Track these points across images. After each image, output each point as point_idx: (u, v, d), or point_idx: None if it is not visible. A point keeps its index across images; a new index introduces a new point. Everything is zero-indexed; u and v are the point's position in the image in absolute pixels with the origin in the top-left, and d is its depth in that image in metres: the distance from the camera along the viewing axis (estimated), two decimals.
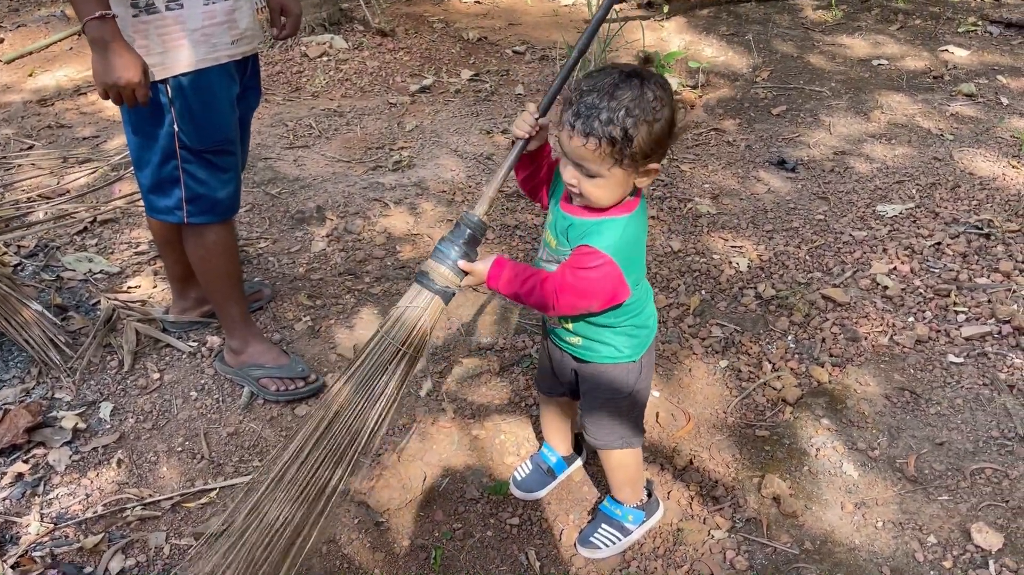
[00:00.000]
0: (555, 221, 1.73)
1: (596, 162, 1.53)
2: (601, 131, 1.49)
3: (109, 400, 2.47)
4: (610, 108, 1.49)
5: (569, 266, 1.65)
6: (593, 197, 1.60)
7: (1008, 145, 3.87)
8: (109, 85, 1.95)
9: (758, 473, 2.23)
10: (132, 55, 1.94)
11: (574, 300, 1.64)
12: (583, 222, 1.66)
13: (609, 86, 1.50)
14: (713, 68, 4.98)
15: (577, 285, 1.62)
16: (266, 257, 3.16)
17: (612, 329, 1.77)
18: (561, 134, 1.56)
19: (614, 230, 1.62)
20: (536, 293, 1.66)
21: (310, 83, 4.84)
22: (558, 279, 1.64)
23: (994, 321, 2.68)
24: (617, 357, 1.81)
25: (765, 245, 3.20)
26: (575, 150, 1.54)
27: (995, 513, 2.08)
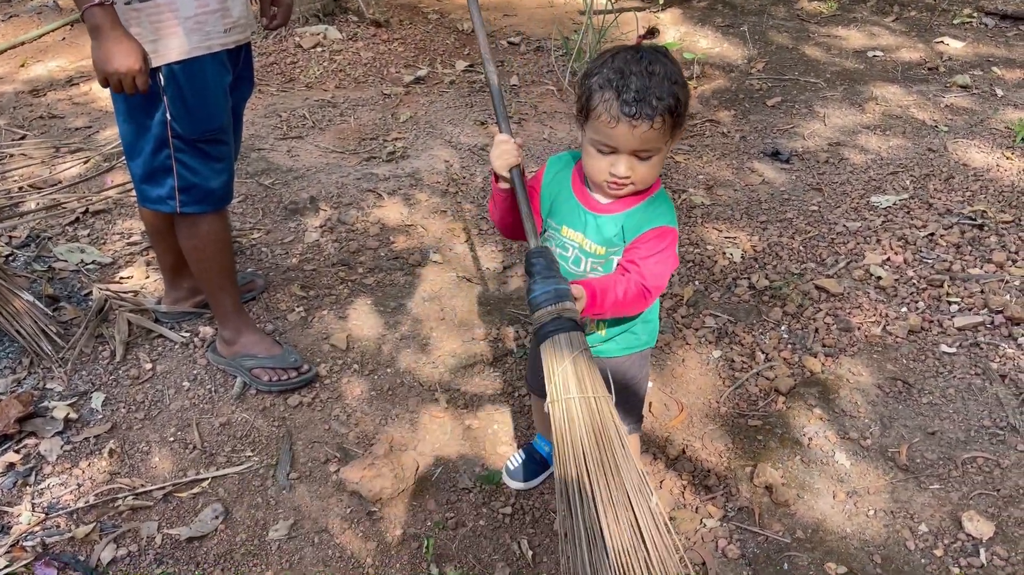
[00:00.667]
0: (596, 231, 1.66)
1: (659, 140, 1.53)
2: (662, 106, 1.49)
3: (101, 390, 2.46)
4: (657, 83, 1.49)
5: (640, 257, 1.61)
6: (649, 177, 1.60)
7: (1002, 136, 3.87)
8: (109, 73, 1.95)
9: (750, 462, 2.23)
10: (132, 42, 1.94)
11: (661, 283, 1.64)
12: (635, 211, 1.63)
13: (639, 67, 1.50)
14: (708, 59, 4.97)
15: (657, 268, 1.61)
16: (259, 248, 3.15)
17: (636, 318, 1.77)
18: (615, 130, 1.50)
19: (665, 202, 1.66)
20: (629, 296, 1.60)
21: (304, 74, 4.82)
22: (639, 273, 1.60)
23: (987, 311, 2.68)
24: (636, 346, 1.81)
25: (759, 236, 3.20)
26: (641, 136, 1.50)
27: (986, 502, 2.09)
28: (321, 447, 2.29)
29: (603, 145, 1.55)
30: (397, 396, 2.47)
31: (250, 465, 2.24)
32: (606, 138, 1.53)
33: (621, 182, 1.58)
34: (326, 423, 2.37)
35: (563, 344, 1.53)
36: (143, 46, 1.98)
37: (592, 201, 1.67)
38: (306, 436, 2.33)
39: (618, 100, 1.49)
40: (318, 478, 2.21)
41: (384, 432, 2.34)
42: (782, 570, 1.95)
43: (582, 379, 1.53)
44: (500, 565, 1.98)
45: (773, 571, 1.95)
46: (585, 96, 1.55)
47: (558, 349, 1.54)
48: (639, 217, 1.63)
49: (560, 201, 1.72)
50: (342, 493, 2.16)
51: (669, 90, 1.49)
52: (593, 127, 1.54)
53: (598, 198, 1.67)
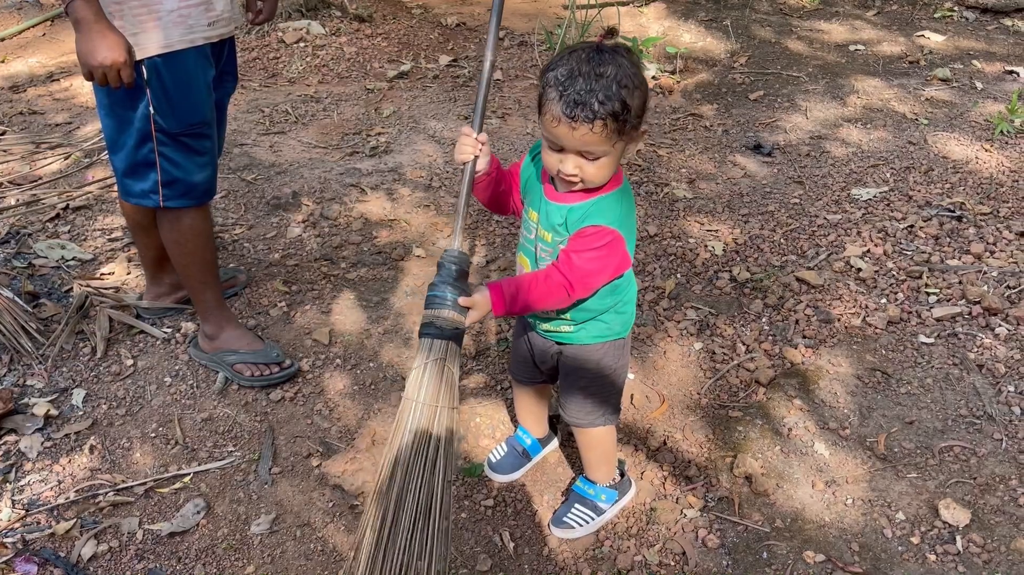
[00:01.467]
0: (546, 216, 1.71)
1: (602, 143, 1.54)
2: (603, 110, 1.49)
3: (82, 387, 2.45)
4: (603, 86, 1.49)
5: (573, 250, 1.64)
6: (597, 178, 1.61)
7: (981, 129, 3.90)
8: (94, 66, 1.94)
9: (731, 453, 2.25)
10: (116, 35, 1.94)
11: (591, 280, 1.65)
12: (581, 206, 1.66)
13: (588, 68, 1.51)
14: (691, 54, 4.98)
15: (587, 266, 1.63)
16: (241, 243, 3.14)
17: (606, 311, 1.78)
18: (557, 129, 1.53)
19: (612, 204, 1.65)
20: (547, 294, 1.65)
21: (287, 69, 4.80)
22: (565, 267, 1.64)
23: (964, 302, 2.71)
24: (608, 335, 1.83)
25: (740, 229, 3.22)
26: (581, 138, 1.52)
27: (963, 490, 2.11)
28: (303, 441, 2.29)
29: (551, 142, 1.58)
30: (380, 390, 2.47)
31: (232, 460, 2.24)
32: (551, 136, 1.56)
33: (569, 179, 1.60)
34: (308, 418, 2.37)
35: (425, 348, 1.65)
36: (126, 39, 1.97)
37: (550, 188, 1.71)
38: (288, 431, 2.33)
39: (560, 101, 1.50)
40: (300, 472, 2.21)
41: (367, 426, 2.35)
42: (761, 559, 1.97)
43: (427, 385, 1.64)
44: (482, 557, 1.99)
45: (752, 560, 1.97)
46: (540, 92, 1.58)
47: (422, 352, 1.66)
48: (583, 212, 1.65)
49: (531, 185, 1.78)
50: (324, 487, 2.16)
51: (616, 94, 1.49)
52: (543, 123, 1.57)
53: (556, 186, 1.70)
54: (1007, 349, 2.51)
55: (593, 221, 1.63)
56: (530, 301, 1.66)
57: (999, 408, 2.33)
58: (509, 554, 2.01)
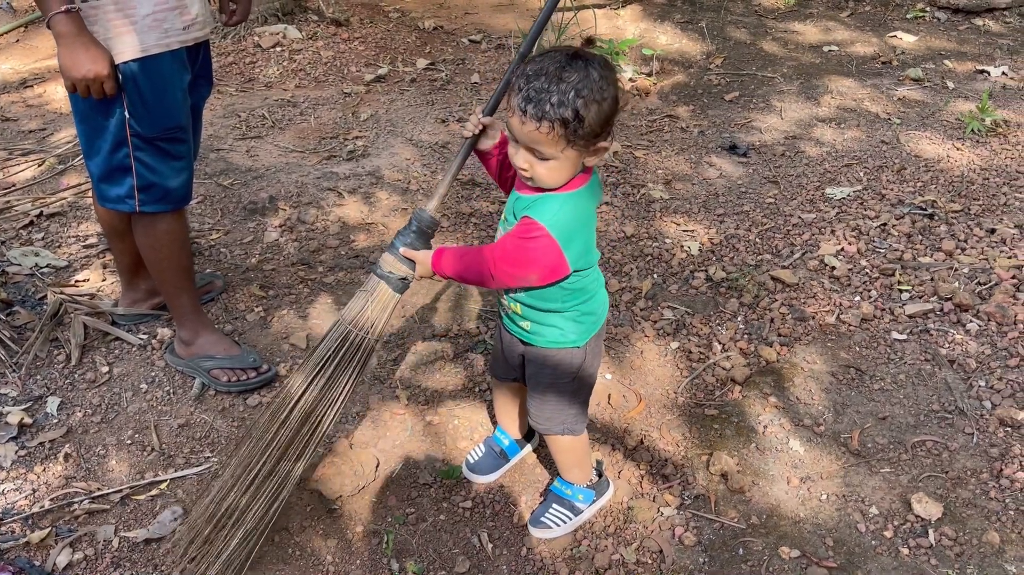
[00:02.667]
0: (510, 202, 1.77)
1: (549, 145, 1.56)
2: (553, 114, 1.51)
3: (56, 394, 2.43)
4: (560, 91, 1.51)
5: (509, 235, 1.69)
6: (546, 179, 1.63)
7: (953, 128, 3.95)
8: (77, 79, 1.95)
9: (707, 451, 2.27)
10: (99, 48, 1.94)
11: (511, 269, 1.67)
12: (528, 198, 1.69)
13: (555, 69, 1.53)
14: (667, 55, 5.01)
15: (514, 254, 1.66)
16: (218, 248, 3.13)
17: (560, 314, 1.79)
18: (511, 120, 1.57)
19: (553, 205, 1.65)
20: (476, 266, 1.72)
21: (263, 73, 4.79)
22: (497, 248, 1.69)
23: (936, 299, 2.74)
24: (562, 342, 1.83)
25: (716, 229, 3.24)
26: (528, 135, 1.55)
27: (935, 484, 2.14)
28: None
29: (509, 132, 1.63)
30: (357, 394, 2.47)
31: (209, 466, 2.23)
32: (508, 125, 1.62)
33: (521, 171, 1.65)
34: None
35: (373, 284, 1.85)
36: (109, 51, 1.97)
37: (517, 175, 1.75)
38: None
39: (518, 93, 1.54)
40: None
41: (344, 430, 2.35)
42: (737, 556, 1.98)
43: (358, 314, 1.85)
44: (460, 558, 1.99)
45: (728, 557, 1.98)
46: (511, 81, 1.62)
47: (368, 286, 1.86)
48: (526, 203, 1.69)
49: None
50: (302, 491, 2.16)
51: (570, 101, 1.51)
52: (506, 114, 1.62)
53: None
54: (978, 345, 2.54)
55: (529, 214, 1.66)
56: (459, 268, 1.76)
57: (970, 403, 2.36)
58: (487, 555, 2.01)
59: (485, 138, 1.83)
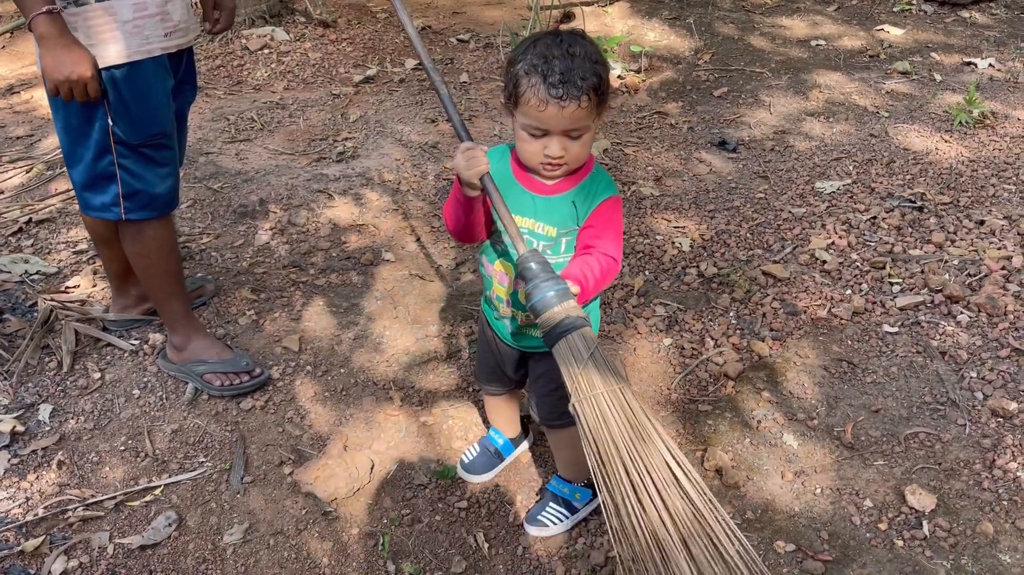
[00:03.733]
0: (545, 211, 1.69)
1: (587, 119, 1.58)
2: (586, 85, 1.54)
3: (48, 402, 2.42)
4: (579, 65, 1.54)
5: (603, 228, 1.68)
6: (581, 156, 1.65)
7: (941, 120, 3.97)
8: (60, 81, 1.93)
9: (701, 447, 2.27)
10: (82, 50, 1.93)
11: (620, 250, 1.71)
12: (583, 185, 1.69)
13: (561, 50, 1.55)
14: (656, 52, 5.02)
15: (619, 237, 1.70)
16: (209, 252, 3.12)
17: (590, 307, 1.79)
18: (544, 113, 1.55)
19: (605, 173, 1.72)
20: (605, 272, 1.67)
21: (251, 76, 4.78)
22: (603, 246, 1.68)
23: (927, 291, 2.75)
24: None
25: (707, 224, 3.25)
26: (570, 115, 1.55)
27: (928, 475, 2.15)
28: (275, 450, 2.29)
29: (535, 129, 1.59)
30: (351, 396, 2.47)
31: (203, 471, 2.23)
32: (537, 121, 1.58)
33: (556, 162, 1.63)
34: (280, 426, 2.36)
35: (578, 342, 1.56)
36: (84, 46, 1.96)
37: (538, 184, 1.71)
38: (260, 439, 2.32)
39: (544, 84, 1.53)
40: (272, 481, 2.20)
41: (338, 432, 2.34)
42: None
43: (604, 373, 1.56)
44: (456, 559, 1.99)
45: None
46: (512, 83, 1.59)
47: (575, 348, 1.56)
48: (587, 191, 1.69)
49: (504, 191, 1.74)
50: (297, 495, 2.16)
51: (591, 69, 1.55)
52: (523, 112, 1.58)
53: (543, 181, 1.71)
54: (969, 336, 2.55)
55: (603, 195, 1.68)
56: (598, 282, 1.65)
57: (962, 394, 2.37)
58: (483, 555, 2.01)
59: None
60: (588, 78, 1.54)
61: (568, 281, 1.58)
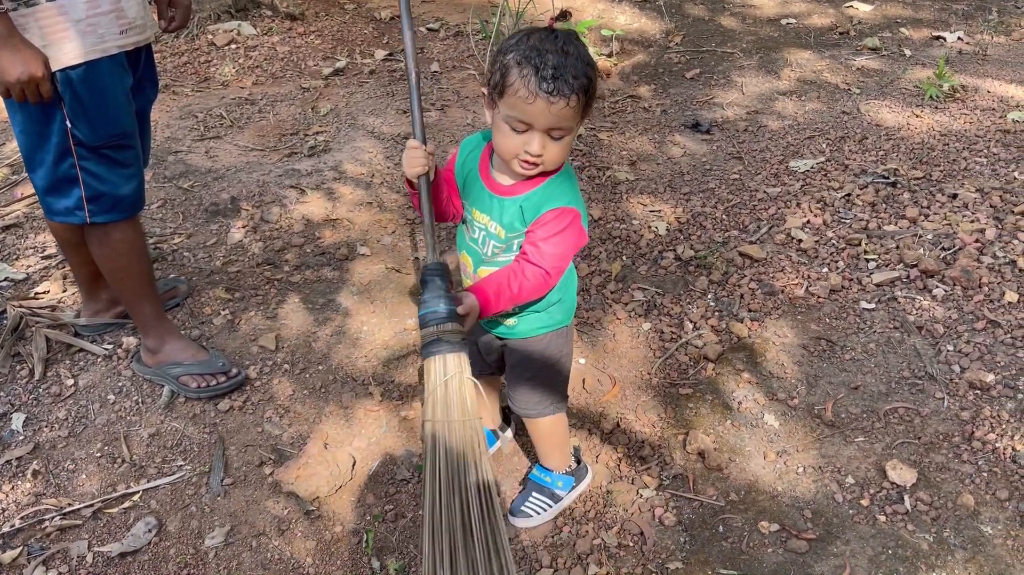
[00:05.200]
0: (499, 213, 1.69)
1: (571, 119, 1.55)
2: (577, 85, 1.51)
3: (21, 411, 2.38)
4: (573, 64, 1.51)
5: (540, 239, 1.64)
6: (558, 158, 1.61)
7: (911, 95, 3.98)
8: (11, 83, 1.88)
9: (683, 430, 2.27)
10: (32, 49, 1.87)
11: (560, 264, 1.66)
12: (533, 194, 1.65)
13: (554, 46, 1.52)
14: (627, 36, 5.00)
15: (557, 249, 1.64)
16: (181, 252, 3.08)
17: (549, 298, 1.78)
18: (531, 106, 1.50)
19: (565, 183, 1.66)
20: (526, 286, 1.65)
21: (219, 72, 4.71)
22: (536, 257, 1.64)
23: (902, 266, 2.76)
24: (551, 324, 1.82)
25: (683, 207, 3.24)
26: (558, 113, 1.52)
27: (908, 450, 2.16)
28: (255, 450, 2.26)
29: (518, 122, 1.55)
30: (330, 393, 2.45)
31: (182, 474, 2.20)
32: (522, 114, 1.53)
33: (533, 160, 1.58)
34: (259, 426, 2.34)
35: (440, 366, 1.63)
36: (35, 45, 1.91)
37: (495, 184, 1.69)
38: (239, 440, 2.29)
39: (536, 76, 1.49)
40: (253, 482, 2.17)
41: (318, 430, 2.32)
42: (717, 533, 1.99)
43: (451, 403, 1.63)
44: None
45: (708, 535, 1.99)
46: (501, 72, 1.54)
47: (436, 370, 1.63)
48: (538, 198, 1.64)
49: (470, 183, 1.74)
50: (278, 495, 2.13)
51: (583, 70, 1.52)
52: (509, 103, 1.54)
53: (501, 180, 1.68)
54: (944, 309, 2.57)
55: (552, 205, 1.63)
56: (513, 296, 1.65)
57: (940, 368, 2.38)
58: None
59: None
60: (580, 78, 1.51)
61: (467, 297, 1.62)
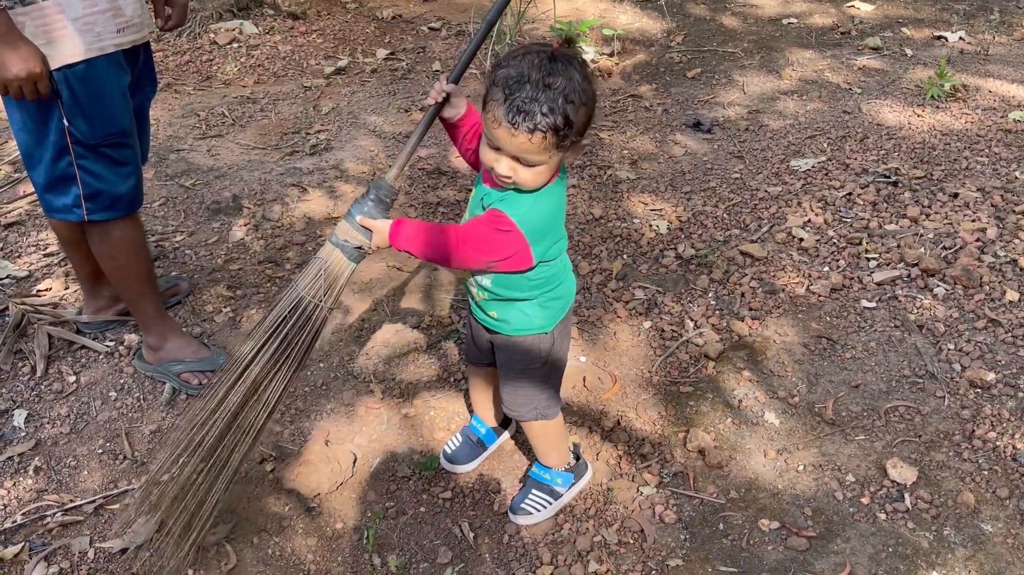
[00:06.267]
0: (477, 195, 1.73)
1: (540, 153, 1.53)
2: (544, 123, 1.48)
3: (23, 407, 2.38)
4: (549, 98, 1.48)
5: (479, 220, 1.66)
6: (530, 183, 1.59)
7: (913, 95, 3.98)
8: (9, 80, 1.88)
9: (683, 428, 2.27)
10: (30, 46, 1.88)
11: (475, 253, 1.65)
12: (496, 191, 1.66)
13: (539, 76, 1.49)
14: (628, 35, 5.00)
15: (481, 240, 1.64)
16: (183, 250, 3.08)
17: (527, 302, 1.78)
18: (497, 131, 1.51)
19: (526, 202, 1.63)
20: (439, 245, 1.67)
21: (221, 71, 4.71)
22: (463, 230, 1.66)
23: (903, 265, 2.76)
24: (529, 328, 1.82)
25: (684, 206, 3.24)
26: (519, 145, 1.51)
27: (909, 448, 2.16)
28: (256, 447, 2.26)
29: (489, 140, 1.57)
30: (331, 390, 2.45)
31: None
32: (489, 135, 1.56)
33: (503, 179, 1.60)
34: None
35: (328, 253, 1.78)
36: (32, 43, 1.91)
37: (485, 172, 1.72)
38: None
39: (504, 103, 1.49)
40: (254, 478, 2.18)
41: (320, 427, 2.32)
42: (717, 531, 1.99)
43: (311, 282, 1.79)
44: (442, 549, 1.99)
45: (709, 533, 1.99)
46: (487, 87, 1.56)
47: (324, 254, 1.80)
48: (495, 198, 1.66)
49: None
50: (279, 491, 2.14)
51: (560, 108, 1.48)
52: (484, 120, 1.57)
53: None
54: (945, 308, 2.57)
55: (502, 207, 1.63)
56: (419, 244, 1.69)
57: (940, 366, 2.38)
58: (469, 544, 2.00)
59: (449, 107, 1.78)
60: (551, 116, 1.48)
61: (378, 220, 1.71)
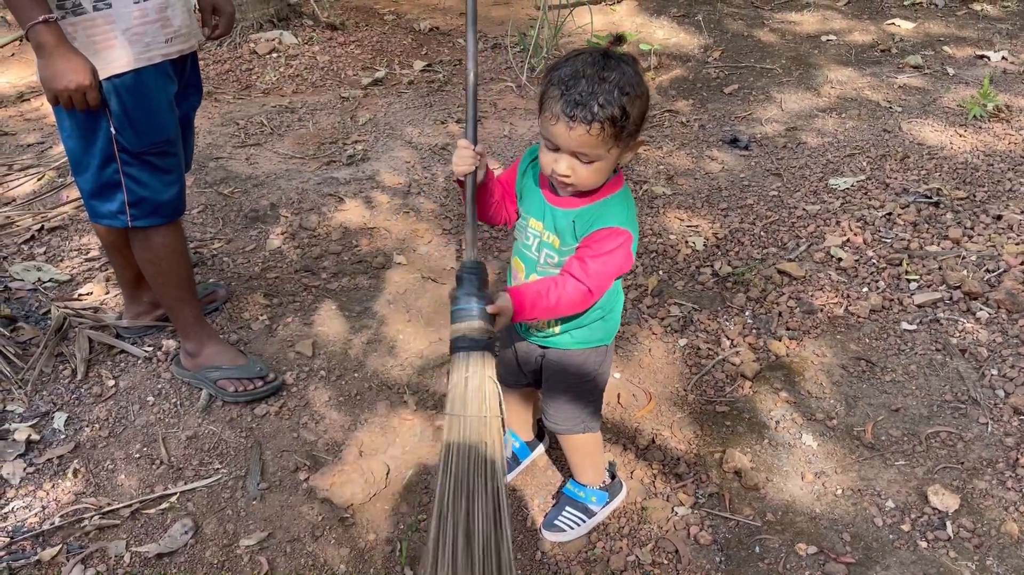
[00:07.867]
0: (552, 222, 1.70)
1: (598, 146, 1.54)
2: (602, 114, 1.49)
3: (63, 410, 2.42)
4: (605, 91, 1.49)
5: (588, 256, 1.64)
6: (589, 182, 1.61)
7: (954, 115, 3.93)
8: (59, 91, 1.92)
9: (719, 448, 2.25)
10: (80, 58, 1.91)
11: (603, 283, 1.66)
12: (588, 209, 1.66)
13: (593, 71, 1.51)
14: (665, 50, 4.99)
15: (604, 269, 1.64)
16: (221, 258, 3.11)
17: (592, 314, 1.78)
18: (555, 128, 1.53)
19: (620, 205, 1.66)
20: (565, 300, 1.64)
21: (260, 80, 4.77)
22: (580, 273, 1.63)
23: (945, 287, 2.72)
24: (591, 341, 1.82)
25: (720, 223, 3.22)
26: (578, 139, 1.52)
27: (951, 475, 2.12)
28: (290, 456, 2.27)
29: (547, 140, 1.58)
30: (365, 400, 2.46)
31: (219, 478, 2.22)
32: (548, 134, 1.56)
33: (562, 179, 1.60)
34: (294, 431, 2.35)
35: (463, 362, 1.62)
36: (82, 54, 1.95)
37: (550, 194, 1.71)
38: (275, 445, 2.31)
39: (561, 99, 1.51)
40: (288, 487, 2.19)
41: (353, 437, 2.33)
42: (753, 554, 1.97)
43: (470, 399, 1.61)
44: None
45: (745, 555, 1.97)
46: (542, 88, 1.58)
47: (458, 366, 1.63)
48: (591, 216, 1.65)
49: (527, 191, 1.77)
50: (313, 501, 2.14)
51: (616, 99, 1.50)
52: (542, 120, 1.57)
53: (556, 191, 1.69)
54: (989, 333, 2.52)
55: (605, 223, 1.63)
56: (550, 306, 1.65)
57: (983, 392, 2.34)
58: None
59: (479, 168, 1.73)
60: (607, 107, 1.49)
61: (500, 300, 1.61)
